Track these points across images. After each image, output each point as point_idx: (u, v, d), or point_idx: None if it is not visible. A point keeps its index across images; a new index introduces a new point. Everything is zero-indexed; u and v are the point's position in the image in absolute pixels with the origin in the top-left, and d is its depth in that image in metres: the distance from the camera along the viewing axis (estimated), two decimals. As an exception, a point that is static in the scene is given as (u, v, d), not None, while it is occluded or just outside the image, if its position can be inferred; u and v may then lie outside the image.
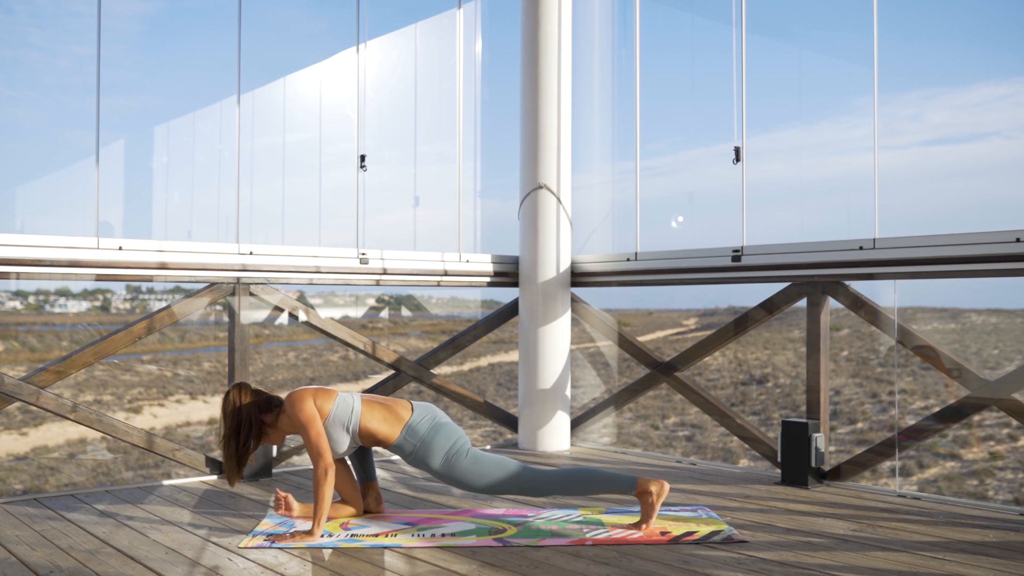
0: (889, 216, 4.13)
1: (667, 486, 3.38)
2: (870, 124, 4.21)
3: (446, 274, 5.29)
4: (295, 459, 4.80)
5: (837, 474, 4.29)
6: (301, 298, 5.48)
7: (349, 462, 3.67)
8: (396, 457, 5.05)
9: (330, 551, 3.10)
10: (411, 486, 4.26)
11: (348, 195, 5.01)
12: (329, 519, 3.50)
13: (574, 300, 5.45)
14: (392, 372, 5.15)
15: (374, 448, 3.71)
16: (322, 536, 3.25)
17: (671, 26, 5.88)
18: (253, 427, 3.35)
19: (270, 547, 3.14)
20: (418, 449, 3.41)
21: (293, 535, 3.23)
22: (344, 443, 3.42)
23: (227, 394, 3.40)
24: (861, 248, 4.16)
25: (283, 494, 3.52)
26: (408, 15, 5.80)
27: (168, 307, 4.38)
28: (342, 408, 3.39)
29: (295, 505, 3.53)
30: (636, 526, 3.37)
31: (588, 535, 3.28)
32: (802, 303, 4.45)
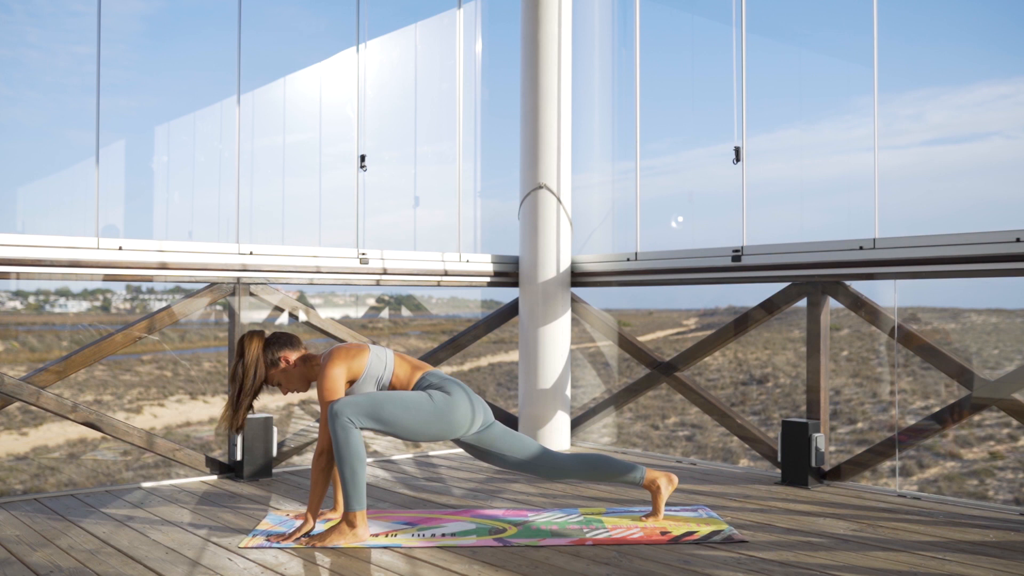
0: (889, 216, 4.13)
1: (675, 478, 3.52)
2: (870, 124, 4.21)
3: (446, 274, 5.29)
4: (295, 459, 4.80)
5: (837, 474, 4.29)
6: (301, 298, 5.48)
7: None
8: (396, 457, 5.05)
9: (329, 550, 3.10)
10: (411, 486, 4.26)
11: (348, 195, 5.01)
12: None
13: (574, 300, 5.45)
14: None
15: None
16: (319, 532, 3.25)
17: (671, 26, 5.88)
18: (259, 374, 3.30)
19: (270, 547, 3.14)
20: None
21: (293, 535, 3.23)
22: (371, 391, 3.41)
23: (241, 339, 3.35)
24: (861, 248, 4.16)
25: None
26: (408, 15, 5.80)
27: (168, 307, 4.38)
28: (376, 365, 3.33)
29: None
30: (647, 517, 3.51)
31: (588, 535, 3.29)
32: (802, 303, 4.45)
